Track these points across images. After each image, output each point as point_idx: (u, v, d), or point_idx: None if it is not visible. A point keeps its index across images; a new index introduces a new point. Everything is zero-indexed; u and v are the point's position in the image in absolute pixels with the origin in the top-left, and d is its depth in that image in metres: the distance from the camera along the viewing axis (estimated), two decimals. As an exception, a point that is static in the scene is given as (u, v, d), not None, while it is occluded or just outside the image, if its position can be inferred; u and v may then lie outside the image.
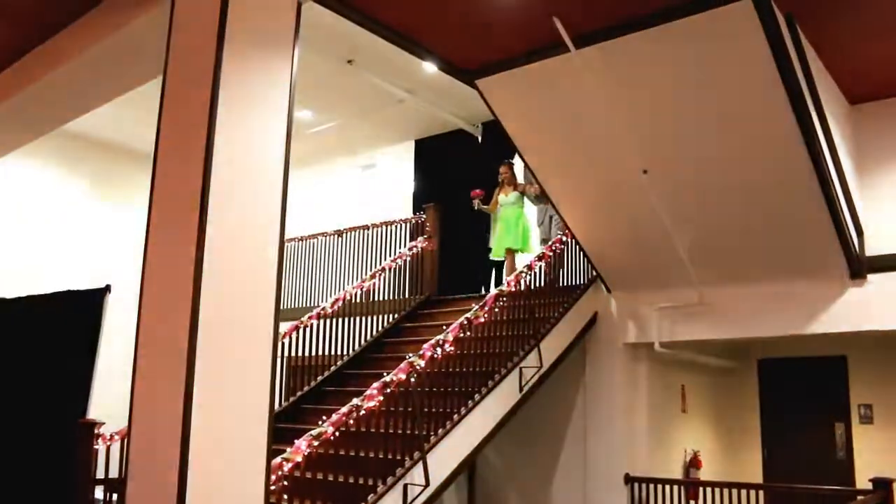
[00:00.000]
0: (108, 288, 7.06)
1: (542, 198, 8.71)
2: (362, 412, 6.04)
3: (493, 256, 9.39)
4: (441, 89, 9.40)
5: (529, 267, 7.87)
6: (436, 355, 6.64)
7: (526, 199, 9.28)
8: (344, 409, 5.98)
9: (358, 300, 9.27)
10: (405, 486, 6.20)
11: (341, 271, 10.62)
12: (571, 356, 8.43)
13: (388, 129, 10.63)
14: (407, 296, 9.92)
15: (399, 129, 10.61)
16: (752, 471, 10.00)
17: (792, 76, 5.82)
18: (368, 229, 10.54)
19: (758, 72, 5.86)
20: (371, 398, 6.09)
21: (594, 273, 8.67)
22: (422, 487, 6.20)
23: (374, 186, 12.65)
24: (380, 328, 9.34)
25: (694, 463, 9.18)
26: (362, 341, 9.14)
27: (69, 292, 7.29)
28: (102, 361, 6.99)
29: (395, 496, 6.12)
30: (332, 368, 8.70)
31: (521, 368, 7.52)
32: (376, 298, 9.53)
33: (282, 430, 6.52)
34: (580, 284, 8.71)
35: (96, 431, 6.49)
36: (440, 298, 9.82)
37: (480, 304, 7.27)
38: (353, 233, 10.72)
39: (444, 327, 6.97)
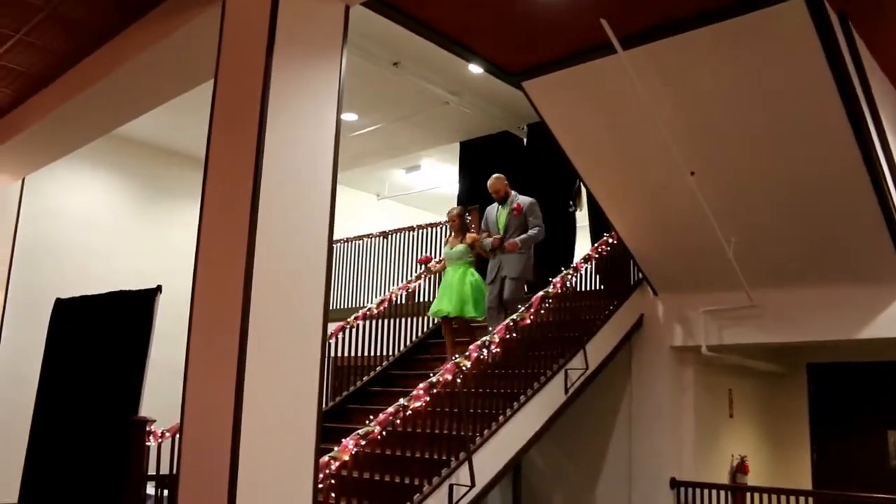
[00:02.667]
0: (158, 288, 7.15)
1: (498, 250, 7.89)
2: (408, 412, 6.07)
3: (431, 313, 8.46)
4: (486, 91, 9.41)
5: (575, 269, 7.82)
6: (482, 356, 6.64)
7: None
8: (390, 409, 6.01)
9: (403, 301, 9.33)
10: (451, 487, 6.21)
11: (387, 272, 10.67)
12: (617, 359, 8.39)
13: (432, 132, 10.65)
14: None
15: (444, 131, 10.63)
16: (801, 478, 9.84)
17: (844, 75, 5.73)
18: (413, 230, 10.58)
19: (809, 71, 5.78)
20: (417, 398, 6.11)
21: (640, 275, 8.61)
22: (467, 488, 6.21)
23: (419, 187, 12.75)
24: (425, 329, 9.37)
25: (741, 468, 9.06)
26: (407, 342, 9.18)
27: (122, 293, 7.40)
28: (153, 361, 7.18)
29: (440, 496, 6.14)
30: (378, 369, 8.76)
31: (566, 370, 7.49)
32: (421, 300, 9.57)
33: (328, 429, 6.54)
34: (626, 287, 8.63)
35: (148, 429, 6.57)
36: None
37: (526, 305, 7.25)
38: (398, 234, 10.77)
39: (490, 329, 6.98)
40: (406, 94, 9.35)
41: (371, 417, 6.01)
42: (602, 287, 8.55)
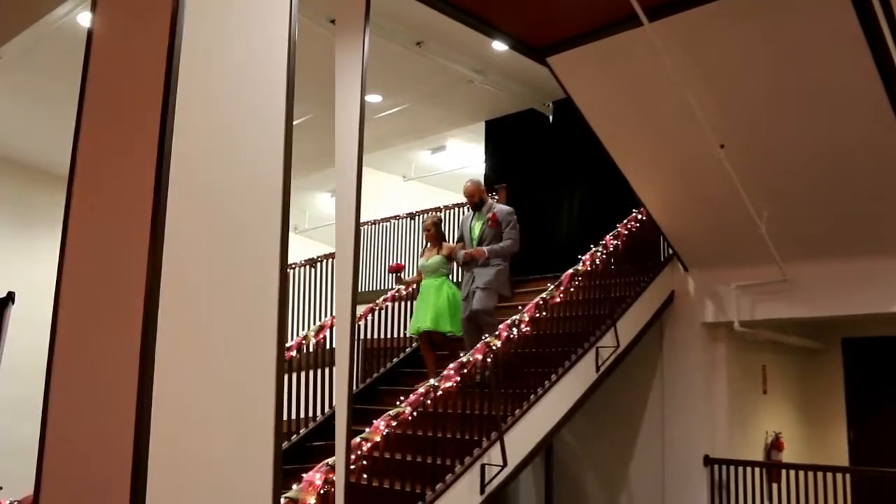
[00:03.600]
0: (10, 297, 5.48)
1: (471, 263, 7.53)
2: (439, 392, 6.08)
3: (410, 332, 7.95)
4: (510, 69, 9.32)
5: (605, 246, 7.77)
6: (512, 335, 6.63)
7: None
8: (421, 389, 6.03)
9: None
10: (483, 467, 6.23)
11: (415, 253, 10.67)
12: (648, 336, 8.35)
13: (457, 111, 10.60)
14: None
15: (469, 110, 10.57)
16: (837, 454, 9.75)
17: (881, 43, 5.61)
18: (441, 211, 10.56)
19: (843, 40, 5.68)
20: (448, 378, 6.12)
21: (670, 251, 8.54)
22: (499, 467, 6.22)
23: (445, 168, 12.71)
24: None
25: (776, 445, 8.99)
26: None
27: None
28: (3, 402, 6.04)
29: (472, 476, 6.16)
30: (408, 350, 8.76)
31: (597, 348, 7.48)
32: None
33: (359, 411, 6.42)
34: (657, 263, 8.57)
35: None
36: (514, 279, 9.80)
37: (556, 283, 7.23)
38: (425, 215, 10.75)
39: (520, 307, 6.96)
40: (430, 73, 9.30)
41: (401, 398, 6.03)
42: (628, 266, 8.42)
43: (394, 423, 5.79)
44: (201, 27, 2.83)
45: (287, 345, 4.48)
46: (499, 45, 8.62)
